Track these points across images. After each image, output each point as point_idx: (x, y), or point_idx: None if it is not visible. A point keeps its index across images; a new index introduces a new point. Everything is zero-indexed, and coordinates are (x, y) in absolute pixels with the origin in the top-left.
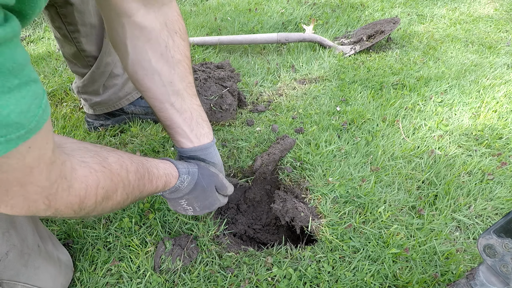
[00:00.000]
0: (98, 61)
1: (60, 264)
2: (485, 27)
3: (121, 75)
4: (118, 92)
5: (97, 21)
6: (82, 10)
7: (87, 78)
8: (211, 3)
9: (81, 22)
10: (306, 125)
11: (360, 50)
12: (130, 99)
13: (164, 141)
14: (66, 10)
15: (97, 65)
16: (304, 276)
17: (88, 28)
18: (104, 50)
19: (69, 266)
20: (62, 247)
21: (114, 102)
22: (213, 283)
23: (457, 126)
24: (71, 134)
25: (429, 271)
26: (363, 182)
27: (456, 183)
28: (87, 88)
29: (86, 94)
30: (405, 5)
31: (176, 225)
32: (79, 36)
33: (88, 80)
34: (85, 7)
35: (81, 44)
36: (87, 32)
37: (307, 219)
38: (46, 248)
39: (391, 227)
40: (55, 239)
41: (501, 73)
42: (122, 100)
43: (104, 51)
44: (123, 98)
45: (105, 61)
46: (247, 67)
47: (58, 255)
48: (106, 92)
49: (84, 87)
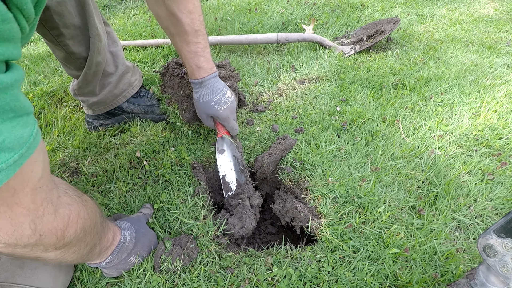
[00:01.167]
0: (89, 62)
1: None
2: (485, 27)
3: (114, 73)
4: (113, 90)
5: (79, 21)
6: (60, 12)
7: (81, 80)
8: (211, 3)
9: (63, 25)
10: (306, 125)
11: (360, 50)
12: (126, 96)
13: (164, 141)
14: (44, 15)
15: (88, 66)
16: (304, 276)
17: (71, 30)
18: (93, 49)
19: (69, 265)
20: None
21: (111, 101)
22: (213, 283)
23: (457, 126)
24: (71, 134)
25: (429, 271)
26: (363, 182)
27: (456, 183)
28: (83, 90)
29: (82, 95)
30: (405, 5)
31: (176, 225)
32: (64, 39)
33: (83, 82)
34: (63, 8)
35: (69, 47)
36: (71, 34)
37: (307, 219)
38: None
39: (391, 227)
40: None
41: (501, 73)
42: (119, 97)
43: (93, 51)
44: (120, 95)
45: (95, 60)
46: (247, 67)
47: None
48: (102, 91)
49: (79, 89)
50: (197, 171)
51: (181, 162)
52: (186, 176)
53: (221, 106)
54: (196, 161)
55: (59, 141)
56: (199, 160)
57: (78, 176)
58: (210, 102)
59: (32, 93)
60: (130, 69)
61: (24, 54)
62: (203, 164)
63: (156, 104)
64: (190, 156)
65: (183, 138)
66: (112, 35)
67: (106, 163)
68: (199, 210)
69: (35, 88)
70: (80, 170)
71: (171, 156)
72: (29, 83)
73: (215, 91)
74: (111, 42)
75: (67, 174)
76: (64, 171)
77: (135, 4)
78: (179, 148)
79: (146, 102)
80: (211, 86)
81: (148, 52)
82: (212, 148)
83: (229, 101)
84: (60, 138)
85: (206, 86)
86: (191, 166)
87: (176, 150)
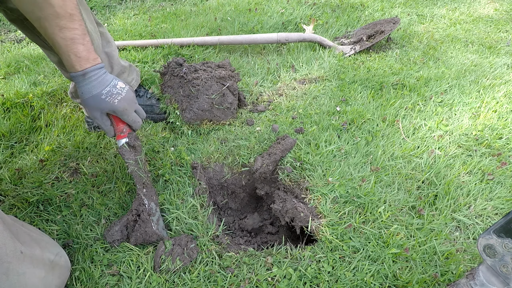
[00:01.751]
0: None
1: (52, 266)
2: (485, 27)
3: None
4: None
5: None
6: None
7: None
8: (211, 3)
9: None
10: (306, 125)
11: (360, 50)
12: None
13: (164, 141)
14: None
15: None
16: (304, 276)
17: None
18: None
19: (65, 266)
20: (56, 248)
21: None
22: (213, 283)
23: (457, 126)
24: (71, 134)
25: (429, 271)
26: (363, 182)
27: (456, 183)
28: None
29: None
30: (405, 5)
31: (176, 225)
32: None
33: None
34: None
35: None
36: None
37: (307, 219)
38: (32, 252)
39: (391, 227)
40: (44, 241)
41: (501, 73)
42: None
43: None
44: None
45: None
46: (247, 67)
47: (49, 257)
48: None
49: (76, 92)
50: (197, 171)
51: (181, 162)
52: (186, 176)
53: (114, 98)
54: (196, 161)
55: (59, 141)
56: (199, 160)
57: (78, 176)
58: (100, 96)
59: (32, 93)
60: (126, 68)
61: (24, 54)
62: (203, 164)
63: (156, 104)
64: (190, 156)
65: (183, 138)
66: (106, 35)
67: (106, 163)
68: (199, 210)
69: (35, 88)
70: (80, 170)
71: (171, 156)
72: (29, 83)
73: (103, 83)
74: (105, 42)
75: (67, 174)
76: (64, 171)
77: (135, 4)
78: (179, 148)
79: (145, 102)
80: (97, 78)
81: (148, 52)
82: (212, 148)
83: (123, 91)
84: (60, 138)
85: (91, 78)
86: (191, 166)
87: (176, 150)
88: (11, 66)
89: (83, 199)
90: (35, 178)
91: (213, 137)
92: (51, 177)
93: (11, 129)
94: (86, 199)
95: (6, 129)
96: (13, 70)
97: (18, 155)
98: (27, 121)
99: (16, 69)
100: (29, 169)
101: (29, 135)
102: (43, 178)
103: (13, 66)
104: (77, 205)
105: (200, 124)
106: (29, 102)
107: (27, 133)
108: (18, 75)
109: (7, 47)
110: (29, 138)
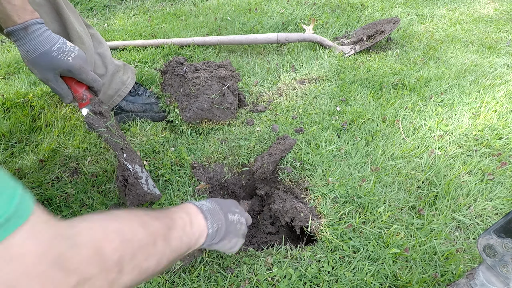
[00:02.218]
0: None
1: None
2: (485, 27)
3: (105, 74)
4: (107, 91)
5: (57, 27)
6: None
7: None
8: (211, 3)
9: None
10: (306, 125)
11: (360, 50)
12: (121, 95)
13: (164, 141)
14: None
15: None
16: (304, 276)
17: None
18: None
19: None
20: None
21: (106, 102)
22: (213, 283)
23: (457, 126)
24: (71, 134)
25: (429, 271)
26: (363, 182)
27: (456, 183)
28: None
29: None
30: (405, 5)
31: None
32: None
33: None
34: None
35: None
36: None
37: (307, 219)
38: None
39: (391, 227)
40: None
41: (501, 73)
42: (114, 97)
43: None
44: (114, 95)
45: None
46: (247, 67)
47: None
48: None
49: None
50: (197, 171)
51: (181, 162)
52: (186, 176)
53: (67, 55)
54: (196, 161)
55: (59, 141)
56: (199, 160)
57: (78, 176)
58: (51, 53)
59: (32, 93)
60: (121, 67)
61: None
62: (203, 164)
63: (155, 102)
64: (190, 156)
65: (183, 138)
66: (96, 36)
67: (106, 163)
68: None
69: (35, 88)
70: (80, 170)
71: (171, 156)
72: (29, 83)
73: (51, 40)
74: (96, 43)
75: (67, 174)
76: (64, 171)
77: (135, 4)
78: (179, 148)
79: (144, 100)
80: (43, 33)
81: (148, 52)
82: (212, 147)
83: (75, 49)
84: (60, 138)
85: (35, 33)
86: (191, 166)
87: (176, 150)
88: (11, 66)
89: (83, 199)
90: (35, 178)
91: (213, 137)
92: (51, 177)
93: (11, 129)
94: (86, 199)
95: (6, 129)
96: (13, 70)
97: (18, 155)
98: (27, 121)
99: (16, 69)
100: (29, 169)
101: (29, 135)
102: (43, 178)
103: (13, 66)
104: (77, 205)
105: (200, 124)
106: (29, 102)
107: (27, 133)
108: (18, 75)
109: (7, 47)
110: (29, 138)
